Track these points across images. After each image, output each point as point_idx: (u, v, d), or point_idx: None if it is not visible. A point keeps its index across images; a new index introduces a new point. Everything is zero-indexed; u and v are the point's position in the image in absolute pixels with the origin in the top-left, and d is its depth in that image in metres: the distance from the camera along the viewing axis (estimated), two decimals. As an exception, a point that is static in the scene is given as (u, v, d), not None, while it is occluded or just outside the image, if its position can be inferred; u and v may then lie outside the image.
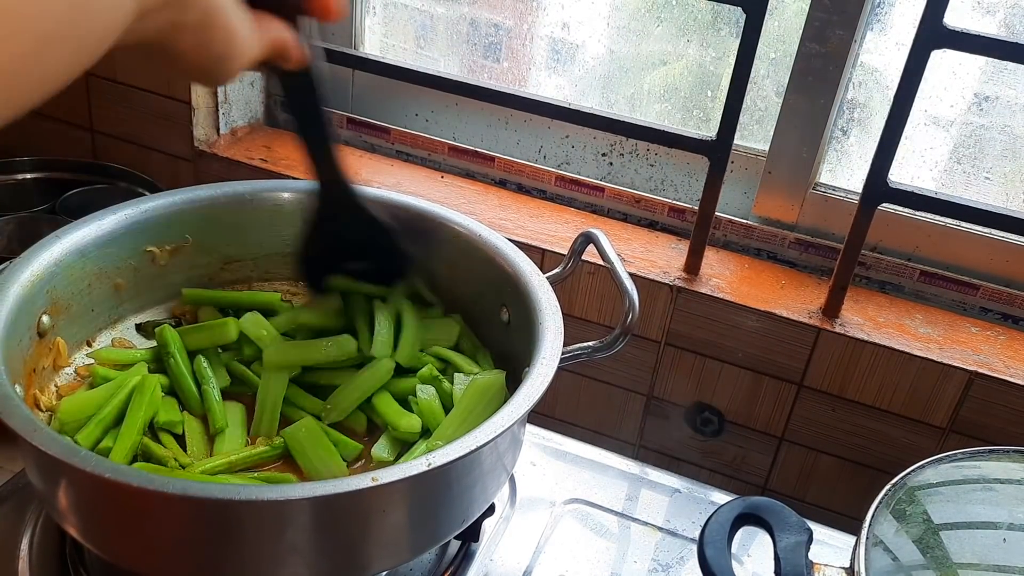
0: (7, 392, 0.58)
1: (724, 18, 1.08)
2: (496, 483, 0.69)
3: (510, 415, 0.61)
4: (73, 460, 0.53)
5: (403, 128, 1.25)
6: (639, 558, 0.82)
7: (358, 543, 0.61)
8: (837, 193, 1.09)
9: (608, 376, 1.12)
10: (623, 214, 1.18)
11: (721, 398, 1.08)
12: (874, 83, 1.05)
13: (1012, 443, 0.91)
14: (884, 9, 1.01)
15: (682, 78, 1.14)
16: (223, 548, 0.58)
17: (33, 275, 0.69)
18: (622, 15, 1.13)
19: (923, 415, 1.00)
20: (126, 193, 1.22)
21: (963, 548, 0.64)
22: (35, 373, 0.70)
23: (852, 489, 1.06)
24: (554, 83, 1.21)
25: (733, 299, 1.03)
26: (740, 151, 1.11)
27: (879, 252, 1.08)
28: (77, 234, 0.74)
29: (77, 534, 0.62)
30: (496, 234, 0.82)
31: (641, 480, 0.91)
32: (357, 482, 0.55)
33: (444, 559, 0.77)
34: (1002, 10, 0.97)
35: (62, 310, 0.73)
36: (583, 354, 0.75)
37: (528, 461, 0.90)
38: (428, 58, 1.27)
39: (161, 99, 1.21)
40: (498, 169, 1.22)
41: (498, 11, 1.20)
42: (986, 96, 1.02)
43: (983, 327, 1.03)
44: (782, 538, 0.65)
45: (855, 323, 1.01)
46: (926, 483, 0.69)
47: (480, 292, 0.82)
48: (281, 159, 1.21)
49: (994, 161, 1.03)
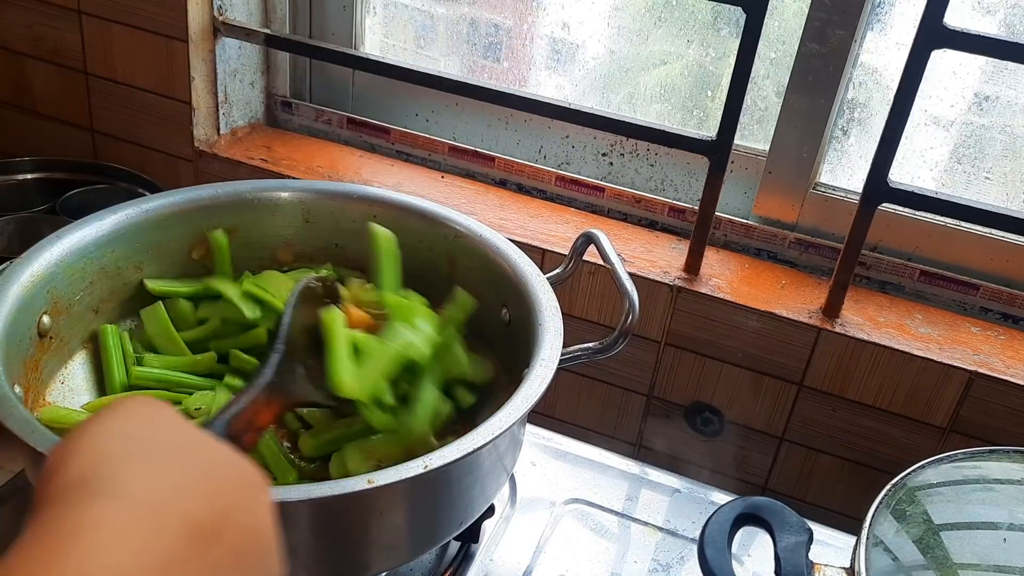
0: (6, 393, 0.58)
1: (724, 18, 1.08)
2: (496, 484, 0.69)
3: (510, 416, 0.61)
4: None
5: (403, 128, 1.25)
6: (639, 558, 0.82)
7: (356, 545, 0.61)
8: (837, 193, 1.09)
9: (608, 376, 1.12)
10: (623, 214, 1.18)
11: (721, 398, 1.08)
12: (874, 83, 1.05)
13: (1012, 443, 0.91)
14: (884, 9, 1.01)
15: (682, 78, 1.14)
16: (222, 549, 0.58)
17: (33, 275, 0.69)
18: (622, 15, 1.13)
19: (923, 415, 1.00)
20: (126, 193, 1.22)
21: (963, 548, 0.64)
22: (35, 374, 0.70)
23: (852, 489, 1.06)
24: (554, 83, 1.21)
25: (733, 299, 1.02)
26: (740, 151, 1.11)
27: (879, 252, 1.08)
28: (77, 234, 0.74)
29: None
30: (496, 234, 0.82)
31: (641, 480, 0.91)
32: (353, 484, 0.55)
33: (444, 559, 0.77)
34: (1002, 10, 0.97)
35: (63, 310, 0.73)
36: (583, 355, 0.75)
37: (528, 461, 0.91)
38: (428, 58, 1.27)
39: (161, 99, 1.21)
40: (498, 169, 1.22)
41: (498, 11, 1.20)
42: (986, 96, 1.02)
43: (983, 327, 1.03)
44: (782, 538, 0.66)
45: (855, 323, 1.01)
46: (926, 483, 0.69)
47: (480, 292, 0.82)
48: (281, 159, 1.21)
49: (994, 161, 1.03)
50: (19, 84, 1.28)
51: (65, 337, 0.74)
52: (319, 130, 1.29)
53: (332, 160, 1.23)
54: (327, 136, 1.29)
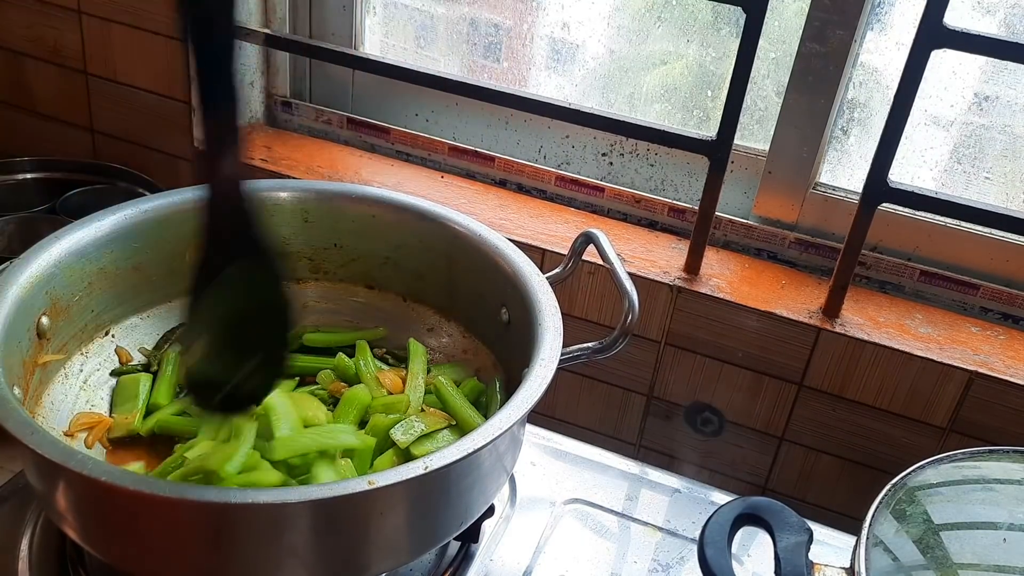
0: (5, 394, 0.58)
1: (724, 18, 1.08)
2: (496, 484, 0.69)
3: (509, 416, 0.61)
4: (69, 463, 0.53)
5: (403, 128, 1.25)
6: (639, 558, 0.82)
7: (356, 545, 0.61)
8: (837, 193, 1.09)
9: (608, 376, 1.12)
10: (623, 214, 1.18)
11: (721, 398, 1.08)
12: (874, 83, 1.05)
13: (1012, 443, 0.91)
14: (884, 9, 1.01)
15: (682, 78, 1.14)
16: (220, 551, 0.58)
17: (32, 276, 0.69)
18: (622, 15, 1.13)
19: (923, 415, 1.00)
20: (126, 193, 1.22)
21: (963, 548, 0.64)
22: (34, 375, 0.70)
23: (852, 489, 1.06)
24: (554, 83, 1.21)
25: (733, 299, 1.02)
26: (740, 151, 1.11)
27: (879, 252, 1.08)
28: (77, 234, 0.74)
29: (75, 536, 0.62)
30: (496, 234, 0.82)
31: (641, 480, 0.91)
32: (353, 485, 0.55)
33: (444, 560, 0.77)
34: (1002, 10, 0.97)
35: (62, 311, 0.73)
36: (583, 355, 0.75)
37: (528, 461, 0.90)
38: (428, 58, 1.27)
39: (161, 99, 1.21)
40: (498, 169, 1.22)
41: (498, 11, 1.20)
42: (986, 96, 1.02)
43: (983, 327, 1.03)
44: (782, 538, 0.65)
45: (855, 323, 1.01)
46: (926, 483, 0.69)
47: (480, 292, 0.82)
48: (281, 159, 1.21)
49: (994, 161, 1.03)
50: (19, 84, 1.28)
51: (64, 338, 0.74)
52: (319, 130, 1.29)
53: (332, 160, 1.23)
54: (327, 136, 1.29)
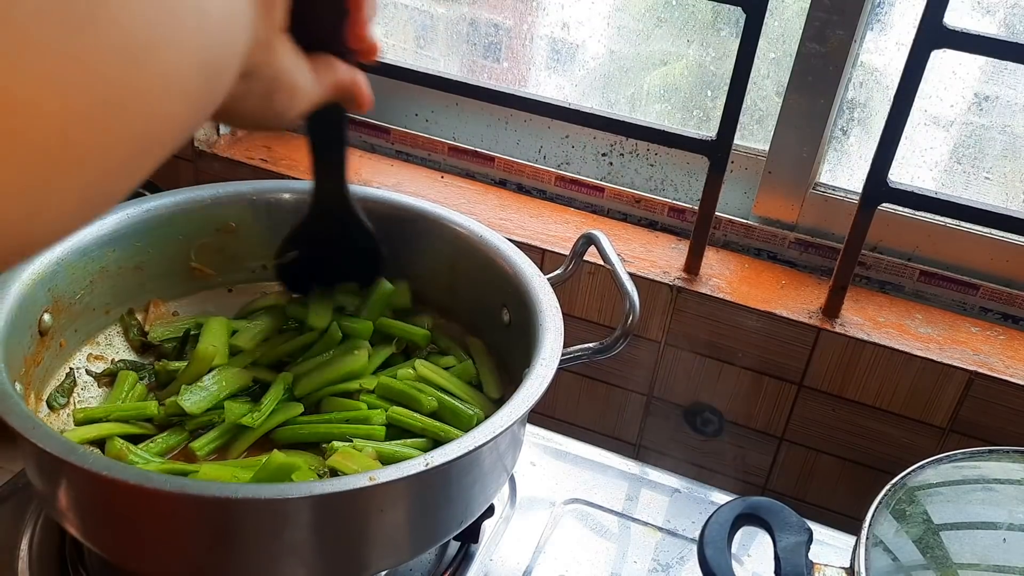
0: (7, 390, 0.58)
1: (724, 18, 1.08)
2: (496, 483, 0.69)
3: (510, 415, 0.61)
4: (71, 457, 0.53)
5: (403, 128, 1.25)
6: (639, 558, 0.82)
7: (356, 543, 0.61)
8: (837, 193, 1.09)
9: (608, 376, 1.12)
10: (623, 214, 1.18)
11: (721, 398, 1.08)
12: (874, 83, 1.05)
13: (1012, 443, 0.92)
14: (884, 9, 1.01)
15: (682, 78, 1.14)
16: (221, 547, 0.58)
17: (34, 273, 0.69)
18: (622, 15, 1.13)
19: (923, 415, 1.00)
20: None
21: (963, 548, 0.64)
22: (36, 371, 0.70)
23: (852, 489, 1.06)
24: (554, 83, 1.21)
25: (733, 299, 1.03)
26: (740, 151, 1.11)
27: (879, 252, 1.08)
28: (78, 233, 0.75)
29: (76, 532, 0.62)
30: (496, 234, 0.82)
31: (641, 480, 0.91)
32: (354, 481, 0.55)
33: (444, 559, 0.77)
34: (1002, 10, 0.97)
35: (63, 308, 0.73)
36: (583, 355, 0.75)
37: (528, 461, 0.91)
38: (428, 58, 1.27)
39: (161, 99, 1.20)
40: (498, 169, 1.22)
41: (498, 11, 1.20)
42: (986, 96, 1.02)
43: (983, 327, 1.03)
44: (782, 538, 0.66)
45: (855, 323, 1.01)
46: (926, 483, 0.69)
47: (480, 293, 0.82)
48: (281, 159, 1.21)
49: (994, 161, 1.03)
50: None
51: (66, 335, 0.74)
52: (319, 130, 1.29)
53: (332, 160, 1.23)
54: (327, 136, 1.29)
